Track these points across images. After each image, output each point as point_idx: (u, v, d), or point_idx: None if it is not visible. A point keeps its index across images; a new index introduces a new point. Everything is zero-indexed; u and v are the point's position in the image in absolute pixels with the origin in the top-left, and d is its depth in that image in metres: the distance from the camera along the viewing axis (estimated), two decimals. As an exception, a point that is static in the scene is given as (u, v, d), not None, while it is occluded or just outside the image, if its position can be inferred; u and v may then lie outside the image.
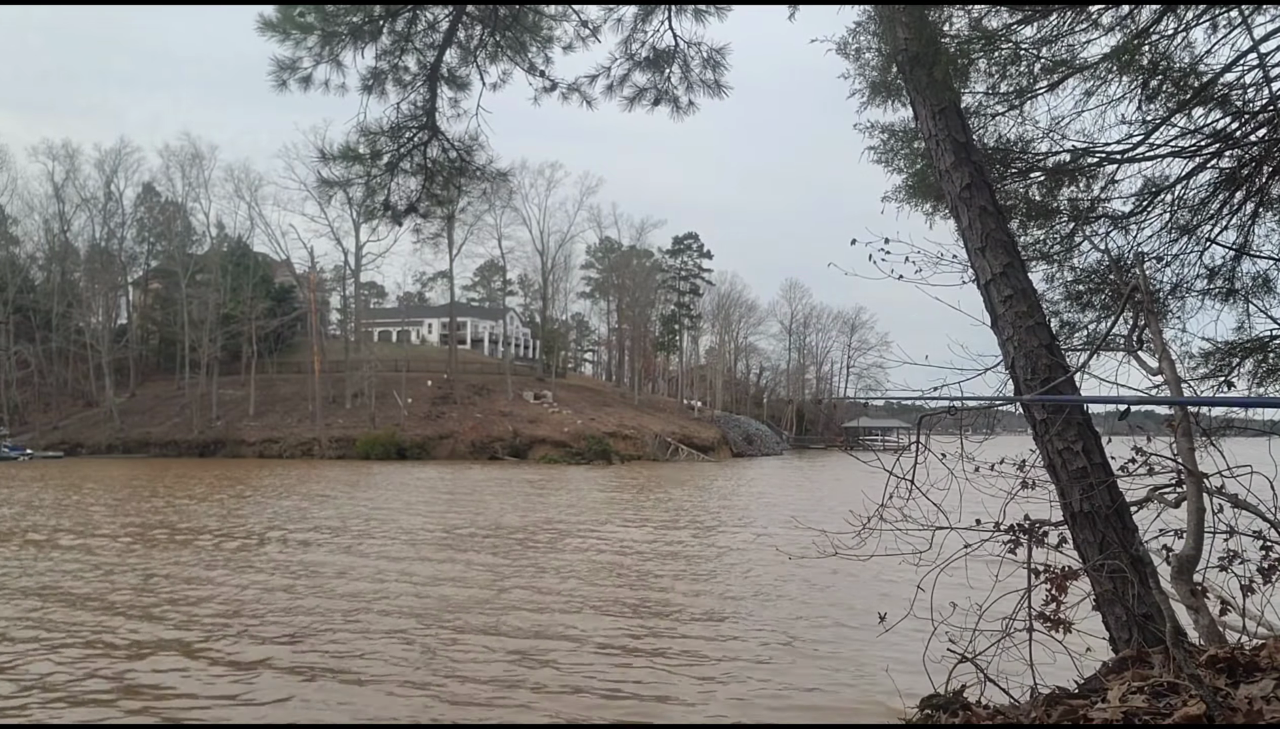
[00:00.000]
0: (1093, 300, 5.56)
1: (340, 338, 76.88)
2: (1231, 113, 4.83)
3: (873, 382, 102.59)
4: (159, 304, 73.77)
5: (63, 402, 67.65)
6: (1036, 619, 3.53)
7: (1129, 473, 4.01)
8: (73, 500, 29.67)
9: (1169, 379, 3.81)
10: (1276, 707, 2.37)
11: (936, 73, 4.25)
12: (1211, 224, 5.25)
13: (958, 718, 2.87)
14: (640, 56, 5.81)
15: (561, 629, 12.16)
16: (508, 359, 73.93)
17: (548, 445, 58.44)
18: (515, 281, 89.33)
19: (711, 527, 24.74)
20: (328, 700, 9.13)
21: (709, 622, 12.87)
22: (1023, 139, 5.36)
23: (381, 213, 6.18)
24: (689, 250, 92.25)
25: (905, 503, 3.94)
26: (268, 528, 22.66)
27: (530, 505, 29.45)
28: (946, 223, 4.89)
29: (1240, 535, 3.61)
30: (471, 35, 5.83)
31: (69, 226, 72.66)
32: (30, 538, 20.76)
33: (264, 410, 64.41)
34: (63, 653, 10.73)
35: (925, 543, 3.92)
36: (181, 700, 9.11)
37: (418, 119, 5.95)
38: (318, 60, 5.37)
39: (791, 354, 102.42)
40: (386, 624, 12.28)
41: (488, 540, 20.80)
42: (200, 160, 70.47)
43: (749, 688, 9.72)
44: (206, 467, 49.75)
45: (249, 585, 15.07)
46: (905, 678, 4.99)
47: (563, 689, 9.57)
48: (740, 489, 39.85)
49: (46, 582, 15.23)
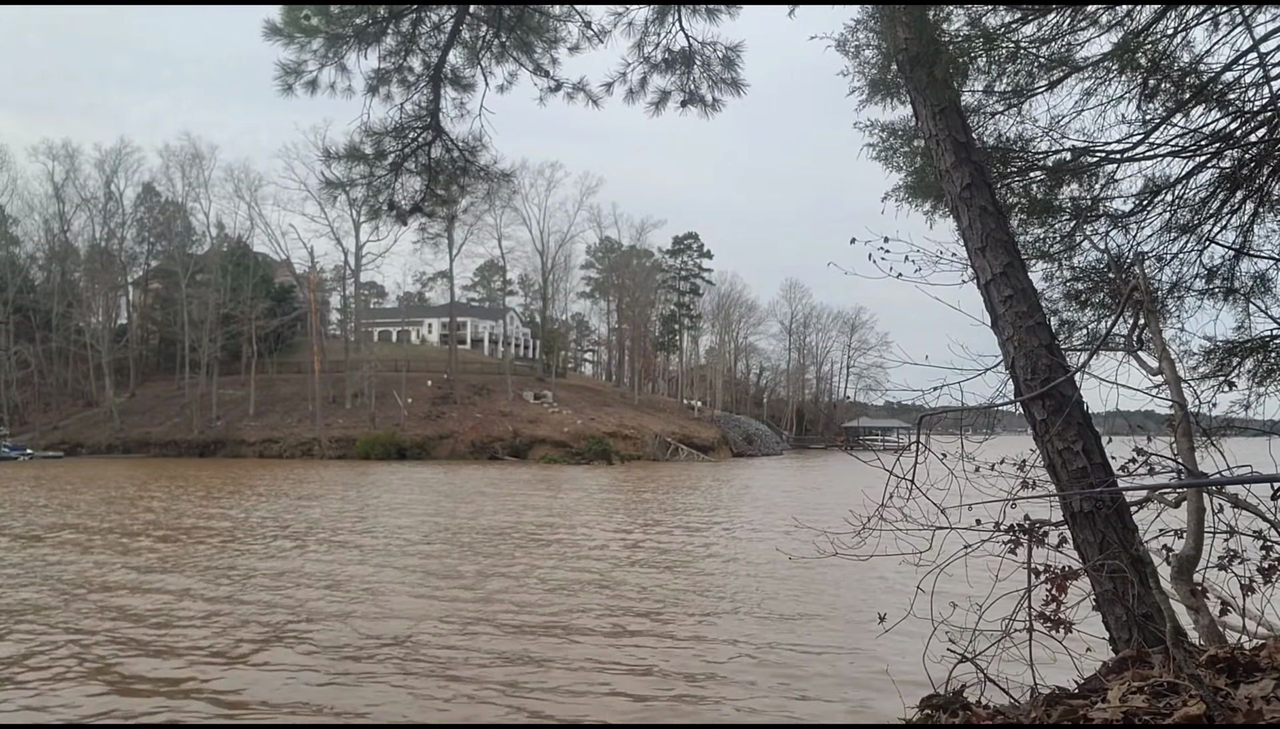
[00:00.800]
0: (1092, 299, 5.55)
1: (340, 338, 76.88)
2: (1231, 112, 4.82)
3: (873, 381, 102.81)
4: (159, 304, 73.78)
5: (63, 402, 67.65)
6: (1036, 619, 3.52)
7: (1129, 473, 4.00)
8: (54, 502, 29.68)
9: (1169, 379, 3.80)
10: (1276, 707, 2.36)
11: (937, 72, 4.25)
12: (1211, 224, 5.24)
13: (958, 718, 2.87)
14: (656, 59, 5.80)
15: (555, 629, 12.16)
16: (508, 359, 73.93)
17: (548, 445, 58.44)
18: (515, 281, 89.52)
19: (711, 526, 24.73)
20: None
21: (709, 621, 12.86)
22: (1022, 138, 5.36)
23: (386, 212, 6.19)
24: (689, 250, 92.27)
25: (905, 503, 3.94)
26: (232, 532, 22.65)
27: (534, 505, 29.44)
28: (946, 222, 4.89)
29: (1240, 535, 3.60)
30: (478, 36, 5.82)
31: (69, 226, 72.83)
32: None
33: (264, 410, 64.40)
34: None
35: (925, 543, 3.91)
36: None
37: (421, 119, 5.96)
38: (323, 63, 5.38)
39: (791, 354, 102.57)
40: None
41: (488, 540, 20.81)
42: (200, 160, 70.70)
43: (748, 687, 9.71)
44: (203, 467, 49.76)
45: (180, 590, 15.07)
46: (905, 678, 4.99)
47: (555, 689, 9.57)
48: (739, 489, 39.84)
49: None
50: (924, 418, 4.12)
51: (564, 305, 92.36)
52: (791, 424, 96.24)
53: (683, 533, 23.02)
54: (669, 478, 45.18)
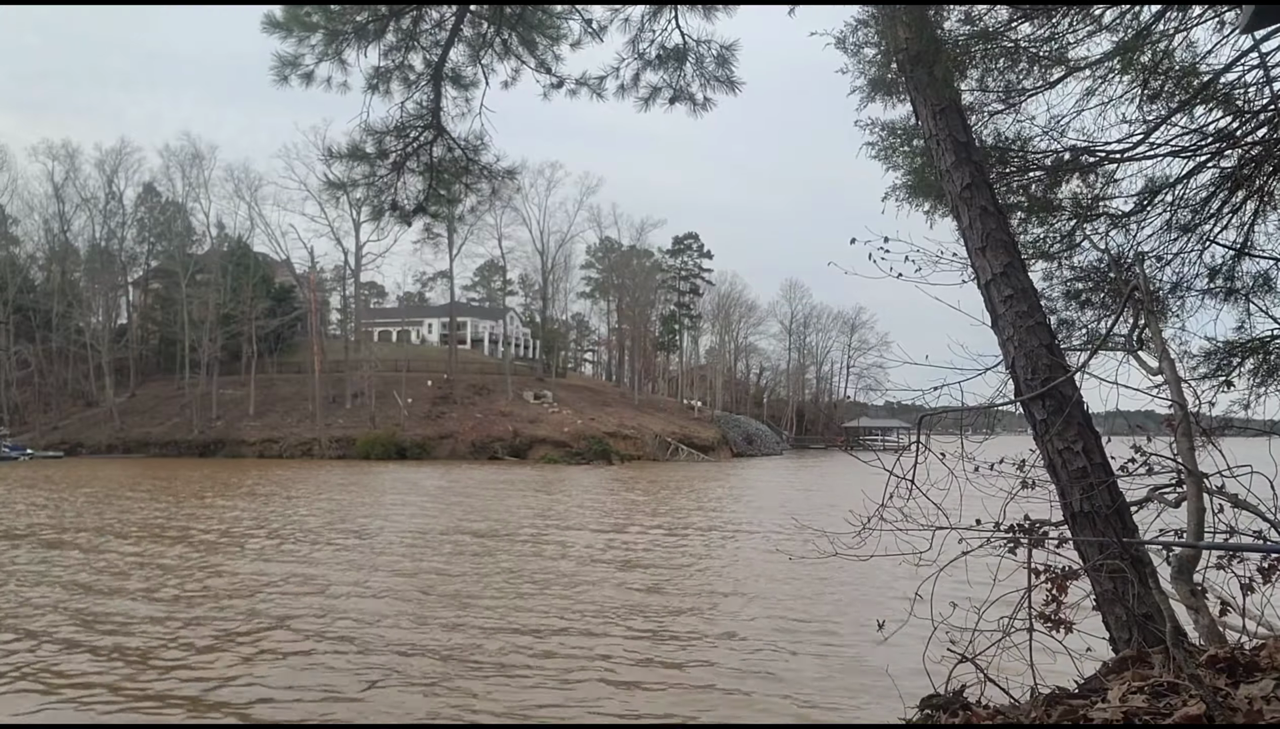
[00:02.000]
0: (1092, 299, 5.55)
1: (340, 338, 76.88)
2: (1232, 112, 4.82)
3: (873, 381, 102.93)
4: (159, 304, 73.79)
5: (63, 402, 67.68)
6: (1036, 619, 3.52)
7: (1129, 473, 4.01)
8: (53, 501, 29.69)
9: (1169, 379, 3.80)
10: (1276, 707, 2.36)
11: (937, 71, 4.25)
12: (1212, 223, 5.24)
13: (958, 718, 2.86)
14: (650, 56, 5.79)
15: (552, 630, 12.16)
16: (508, 359, 73.93)
17: (548, 445, 58.45)
18: (515, 281, 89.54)
19: (710, 526, 24.73)
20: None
21: (707, 621, 12.86)
22: (1022, 137, 5.35)
23: (389, 211, 6.19)
24: (689, 250, 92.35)
25: (905, 503, 3.93)
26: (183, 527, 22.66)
27: (529, 505, 29.46)
28: (946, 222, 4.89)
29: (1240, 535, 3.60)
30: (480, 33, 5.82)
31: (69, 226, 72.83)
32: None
33: (264, 410, 64.42)
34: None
35: (925, 543, 3.91)
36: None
37: (423, 118, 5.95)
38: (321, 58, 5.37)
39: (791, 354, 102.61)
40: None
41: (492, 539, 20.81)
42: (200, 160, 70.61)
43: (748, 687, 9.71)
44: (203, 467, 49.76)
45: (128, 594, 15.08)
46: (905, 678, 4.98)
47: (558, 687, 9.57)
48: (739, 489, 39.84)
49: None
50: (924, 418, 4.12)
51: (564, 305, 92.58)
52: (791, 424, 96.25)
53: (682, 533, 23.02)
54: (669, 478, 45.18)
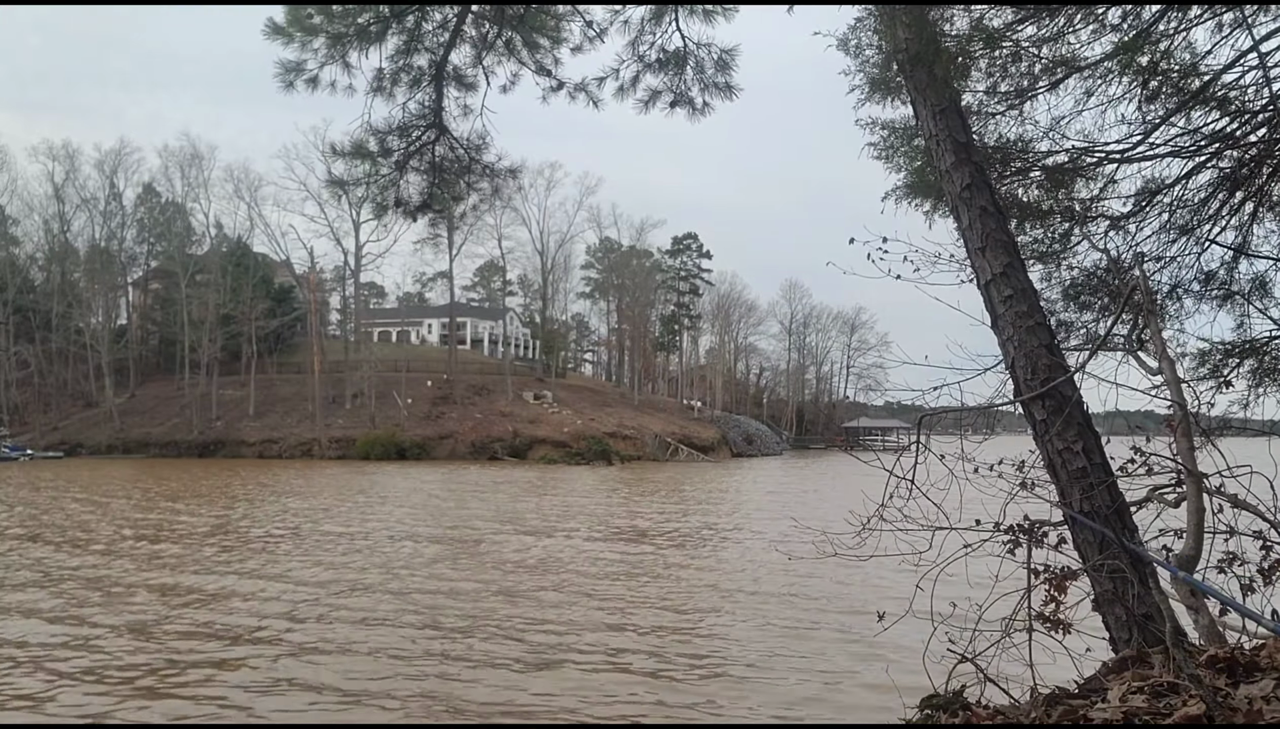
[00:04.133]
0: (1091, 300, 5.56)
1: (340, 338, 76.87)
2: (1231, 113, 4.82)
3: (872, 382, 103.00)
4: (159, 304, 73.75)
5: (63, 402, 67.65)
6: (1036, 619, 3.53)
7: (1129, 473, 4.01)
8: (47, 500, 29.69)
9: (1168, 379, 3.81)
10: (1276, 707, 2.37)
11: (937, 71, 4.26)
12: (1210, 224, 5.24)
13: (958, 718, 2.87)
14: (650, 59, 5.80)
15: (553, 631, 12.17)
16: (508, 359, 73.92)
17: (548, 446, 58.43)
18: (515, 282, 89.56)
19: (709, 526, 24.72)
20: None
21: (707, 621, 12.87)
22: (1022, 138, 5.36)
23: (393, 208, 6.20)
24: (689, 250, 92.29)
25: (905, 503, 3.94)
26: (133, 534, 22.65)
27: (528, 505, 29.46)
28: (946, 222, 4.90)
29: (1240, 535, 3.61)
30: (482, 35, 5.83)
31: (69, 227, 72.70)
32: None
33: (264, 410, 64.39)
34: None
35: (925, 543, 3.92)
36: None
37: (425, 118, 5.97)
38: (324, 61, 5.38)
39: (791, 354, 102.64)
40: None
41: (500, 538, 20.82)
42: (200, 160, 70.59)
43: (747, 687, 9.71)
44: (203, 467, 49.74)
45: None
46: (905, 678, 4.99)
47: (559, 693, 9.58)
48: (739, 489, 39.84)
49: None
50: (924, 418, 4.13)
51: (564, 305, 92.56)
52: (791, 424, 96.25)
53: (682, 533, 23.02)
54: (669, 478, 45.18)
